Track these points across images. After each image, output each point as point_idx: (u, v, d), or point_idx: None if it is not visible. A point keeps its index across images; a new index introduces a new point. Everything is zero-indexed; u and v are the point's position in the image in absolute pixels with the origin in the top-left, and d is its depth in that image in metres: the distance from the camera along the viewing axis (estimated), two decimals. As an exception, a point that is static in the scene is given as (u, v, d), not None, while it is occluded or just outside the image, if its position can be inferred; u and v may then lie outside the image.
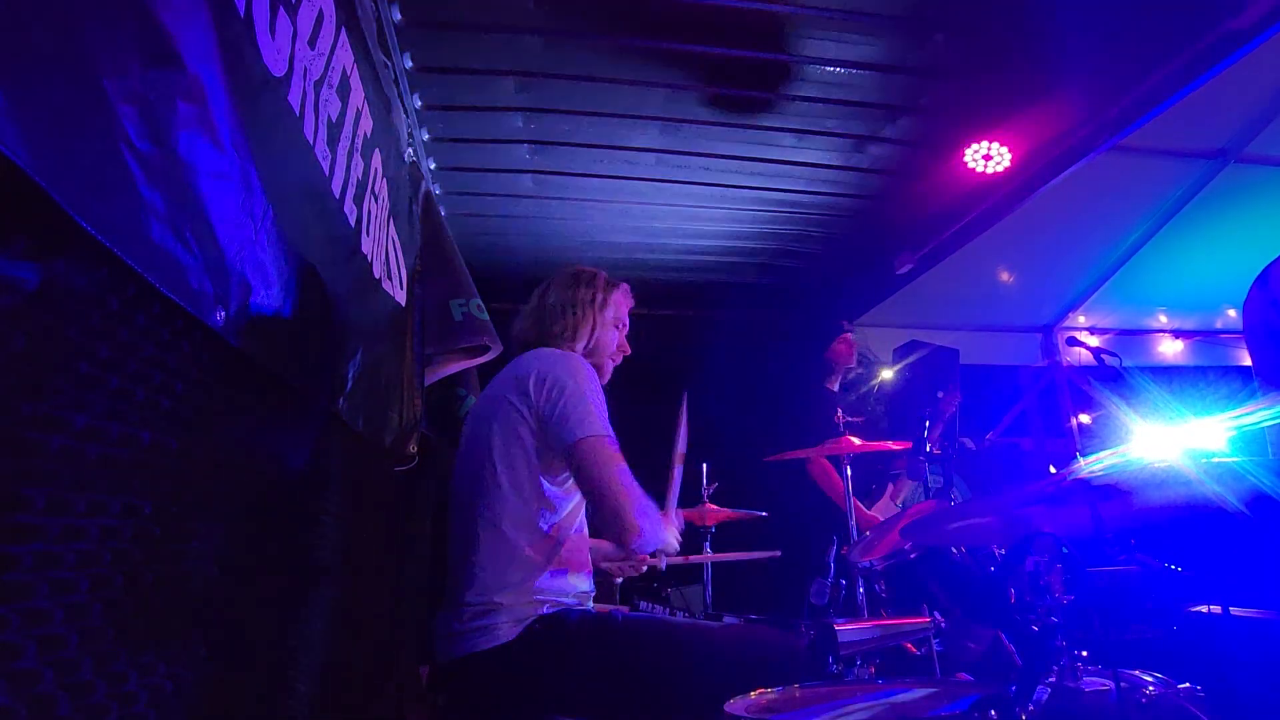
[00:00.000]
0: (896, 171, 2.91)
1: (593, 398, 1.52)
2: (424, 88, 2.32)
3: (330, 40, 1.28)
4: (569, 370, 1.55)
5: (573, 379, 1.53)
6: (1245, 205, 3.56)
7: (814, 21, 2.12)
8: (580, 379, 1.54)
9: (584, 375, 1.55)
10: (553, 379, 1.54)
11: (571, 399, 1.51)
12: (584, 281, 1.79)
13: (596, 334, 1.75)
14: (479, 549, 1.50)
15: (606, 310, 1.77)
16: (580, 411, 1.49)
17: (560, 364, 1.57)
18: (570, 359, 1.61)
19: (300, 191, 1.15)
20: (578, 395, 1.51)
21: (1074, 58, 2.26)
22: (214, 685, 0.89)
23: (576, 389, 1.52)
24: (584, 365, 1.59)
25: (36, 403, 0.57)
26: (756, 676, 1.31)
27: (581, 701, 1.44)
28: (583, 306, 1.75)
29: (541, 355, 1.62)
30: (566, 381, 1.53)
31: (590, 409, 1.50)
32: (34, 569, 0.57)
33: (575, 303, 1.75)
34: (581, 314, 1.74)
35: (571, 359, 1.61)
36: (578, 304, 1.75)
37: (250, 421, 1.02)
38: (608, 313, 1.78)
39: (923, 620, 1.53)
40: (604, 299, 1.77)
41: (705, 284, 3.95)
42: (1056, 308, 4.64)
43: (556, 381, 1.53)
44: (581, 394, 1.51)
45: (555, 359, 1.60)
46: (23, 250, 0.54)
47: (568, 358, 1.61)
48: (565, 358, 1.61)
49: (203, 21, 0.80)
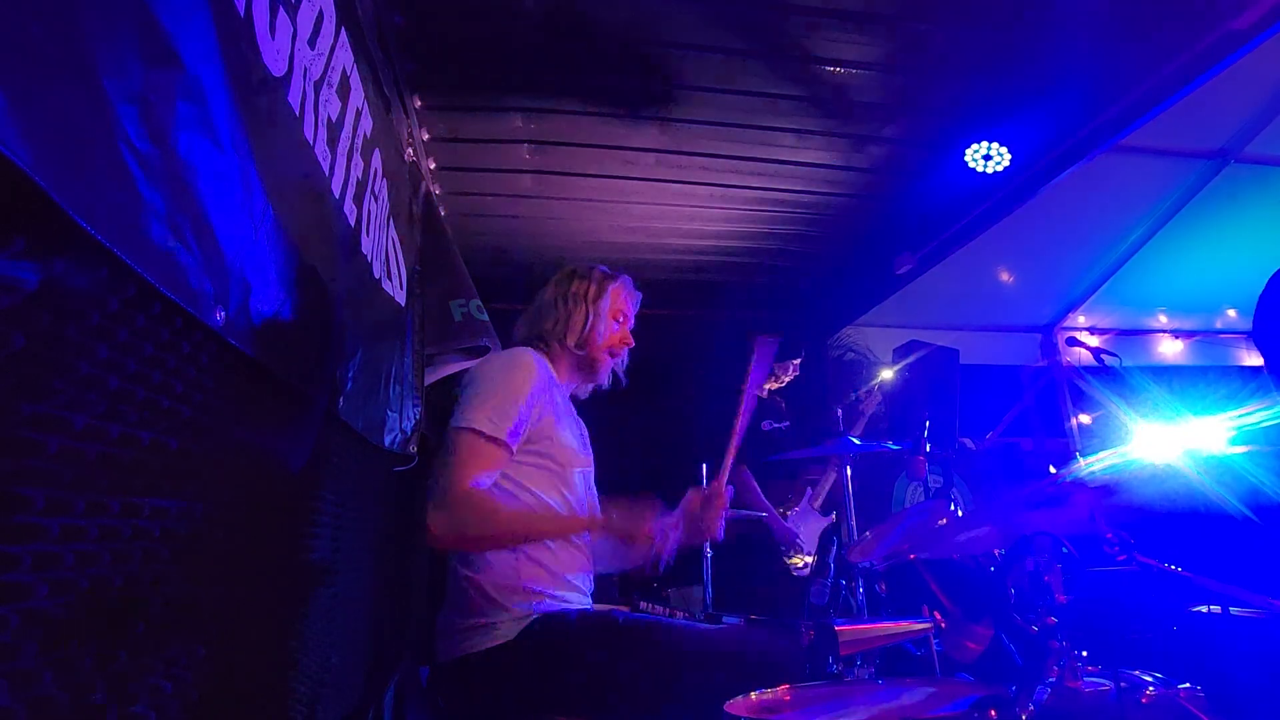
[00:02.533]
0: (896, 171, 2.91)
1: (497, 390, 1.50)
2: (424, 88, 2.32)
3: (330, 40, 1.28)
4: (497, 364, 1.58)
5: (495, 371, 1.56)
6: (1245, 205, 3.56)
7: (814, 21, 2.12)
8: (500, 372, 1.55)
9: (508, 369, 1.55)
10: (480, 370, 1.58)
11: (476, 388, 1.52)
12: (579, 275, 1.78)
13: (590, 327, 1.72)
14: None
15: (602, 302, 1.74)
16: (471, 400, 1.50)
17: (495, 359, 1.61)
18: (512, 355, 1.61)
19: (300, 191, 1.15)
20: (483, 385, 1.52)
21: (1074, 58, 2.26)
22: (213, 685, 0.89)
23: (488, 379, 1.54)
24: (519, 362, 1.58)
25: (36, 403, 0.57)
26: (756, 677, 1.30)
27: (581, 701, 1.44)
28: (575, 300, 1.73)
29: (496, 355, 1.65)
30: (481, 371, 1.57)
31: (480, 401, 1.49)
32: (34, 569, 0.57)
33: (568, 296, 1.74)
34: (574, 306, 1.73)
35: (511, 354, 1.62)
36: (570, 297, 1.74)
37: (250, 421, 1.02)
38: (603, 304, 1.74)
39: (923, 620, 1.52)
40: (598, 291, 1.75)
41: (705, 284, 3.95)
42: (1056, 308, 4.64)
43: (480, 372, 1.57)
44: (489, 384, 1.52)
45: (495, 359, 1.63)
46: (23, 250, 0.54)
47: (511, 354, 1.62)
48: (508, 354, 1.62)
49: (203, 21, 0.80)
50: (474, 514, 1.41)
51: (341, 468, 1.53)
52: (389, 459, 1.97)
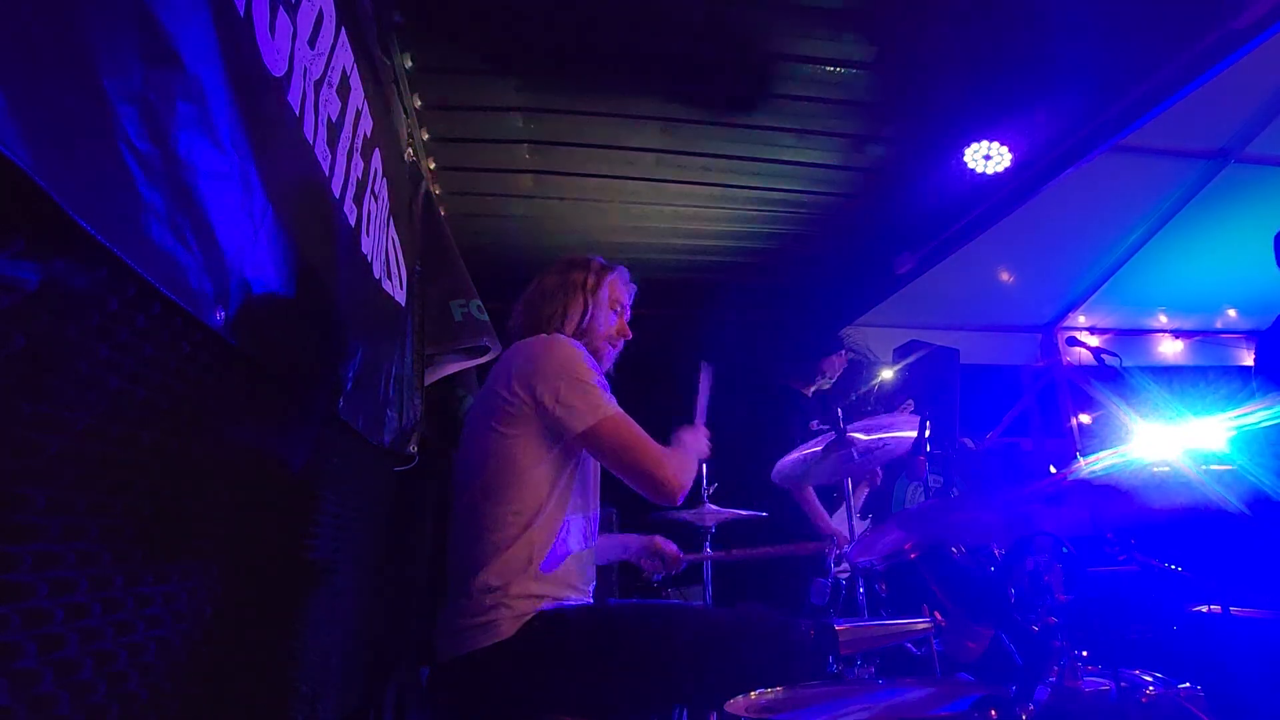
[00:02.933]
0: (896, 171, 2.91)
1: (589, 378, 1.52)
2: (424, 88, 2.32)
3: (330, 40, 1.28)
4: (558, 357, 1.54)
5: (565, 366, 1.52)
6: (1245, 205, 3.55)
7: (814, 21, 2.12)
8: (571, 364, 1.53)
9: (574, 358, 1.54)
10: (545, 370, 1.52)
11: (569, 387, 1.50)
12: (576, 266, 1.77)
13: (590, 316, 1.72)
14: (477, 546, 1.50)
15: (600, 291, 1.74)
16: (581, 397, 1.49)
17: (547, 352, 1.55)
18: (555, 345, 1.57)
19: (300, 191, 1.15)
20: (574, 381, 1.50)
21: (1074, 57, 2.26)
22: (214, 685, 0.89)
23: (572, 375, 1.51)
24: (570, 346, 1.57)
25: (36, 403, 0.57)
26: (756, 676, 1.30)
27: (582, 698, 1.44)
28: (574, 289, 1.73)
29: (529, 345, 1.59)
30: (559, 369, 1.52)
31: (589, 392, 1.50)
32: (34, 569, 0.57)
33: (566, 286, 1.73)
34: (573, 296, 1.72)
35: (557, 344, 1.58)
36: (569, 287, 1.73)
37: (250, 421, 1.02)
38: (602, 294, 1.75)
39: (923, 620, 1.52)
40: (597, 281, 1.75)
41: (705, 284, 3.95)
42: (1056, 308, 4.64)
43: (550, 372, 1.51)
44: (577, 378, 1.51)
45: (541, 348, 1.57)
46: (23, 250, 0.54)
47: (553, 344, 1.57)
48: (551, 345, 1.57)
49: (203, 21, 0.80)
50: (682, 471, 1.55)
51: (341, 467, 1.53)
52: (389, 458, 1.97)
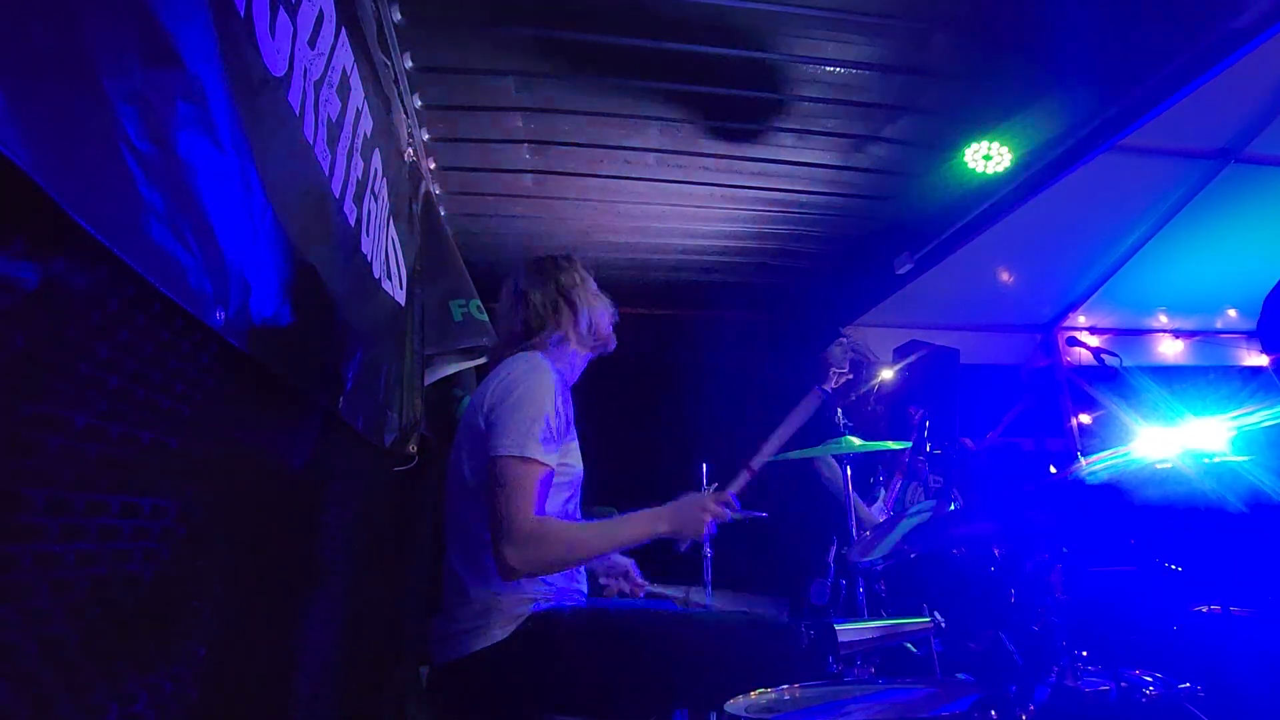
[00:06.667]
0: (896, 171, 2.91)
1: (526, 409, 1.44)
2: (424, 88, 2.32)
3: (330, 40, 1.28)
4: (520, 380, 1.49)
5: (519, 389, 1.47)
6: (1245, 205, 3.55)
7: (814, 21, 2.12)
8: (528, 390, 1.47)
9: (534, 385, 1.48)
10: (504, 388, 1.49)
11: (504, 410, 1.45)
12: (561, 269, 1.76)
13: (592, 313, 1.74)
14: (467, 551, 1.50)
15: (589, 284, 1.77)
16: (506, 425, 1.42)
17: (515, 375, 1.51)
18: (530, 368, 1.52)
19: (300, 191, 1.15)
20: (511, 407, 1.44)
21: (1074, 58, 2.26)
22: (214, 685, 0.89)
23: (516, 400, 1.45)
24: (540, 375, 1.51)
25: (36, 403, 0.57)
26: (756, 676, 1.30)
27: (579, 698, 1.44)
28: (572, 292, 1.73)
29: (512, 363, 1.56)
30: (507, 389, 1.47)
31: (516, 424, 1.42)
32: (34, 569, 0.57)
33: (562, 291, 1.73)
34: (577, 300, 1.72)
35: (532, 368, 1.53)
36: (565, 291, 1.73)
37: (250, 421, 1.02)
38: (591, 286, 1.77)
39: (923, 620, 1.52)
40: (583, 276, 1.77)
41: (705, 284, 3.94)
42: (1056, 308, 4.63)
43: (502, 392, 1.48)
44: (516, 406, 1.44)
45: (517, 370, 1.53)
46: (23, 250, 0.54)
47: (529, 367, 1.53)
48: (526, 368, 1.53)
49: (203, 21, 0.80)
50: (549, 544, 1.39)
51: (341, 467, 1.53)
52: (389, 459, 1.97)
